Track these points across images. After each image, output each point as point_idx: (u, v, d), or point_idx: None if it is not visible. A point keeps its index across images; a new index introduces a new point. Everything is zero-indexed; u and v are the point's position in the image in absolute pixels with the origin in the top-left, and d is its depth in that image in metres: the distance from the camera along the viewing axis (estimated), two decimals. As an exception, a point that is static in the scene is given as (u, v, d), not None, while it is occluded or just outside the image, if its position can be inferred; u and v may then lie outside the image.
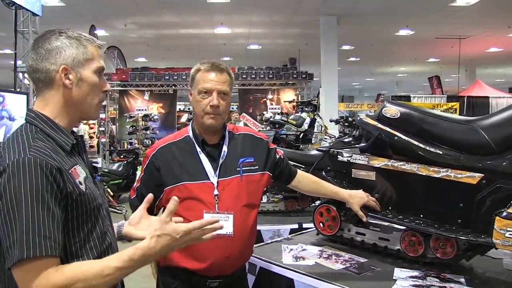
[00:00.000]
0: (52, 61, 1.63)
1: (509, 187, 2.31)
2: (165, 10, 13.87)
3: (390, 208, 2.81)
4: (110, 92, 16.57)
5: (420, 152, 2.63)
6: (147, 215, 1.96)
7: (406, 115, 2.75)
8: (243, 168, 2.54)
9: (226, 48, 20.14)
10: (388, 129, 2.77)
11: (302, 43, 18.53)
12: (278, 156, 2.74)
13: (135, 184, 2.65)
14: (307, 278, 2.56)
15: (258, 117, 16.11)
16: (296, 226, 4.05)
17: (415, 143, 2.65)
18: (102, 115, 16.81)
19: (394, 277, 2.50)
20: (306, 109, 7.48)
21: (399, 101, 11.90)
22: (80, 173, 1.62)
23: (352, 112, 23.85)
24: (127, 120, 15.84)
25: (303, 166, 3.91)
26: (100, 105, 1.79)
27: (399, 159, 2.73)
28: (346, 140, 3.58)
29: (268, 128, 7.71)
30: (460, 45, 18.24)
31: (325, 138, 7.18)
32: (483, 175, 2.40)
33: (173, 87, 17.07)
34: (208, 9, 13.69)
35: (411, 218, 2.68)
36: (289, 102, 14.87)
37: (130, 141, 15.32)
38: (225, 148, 2.55)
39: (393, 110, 2.79)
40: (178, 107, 19.70)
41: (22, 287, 1.43)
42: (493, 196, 2.36)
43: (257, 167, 2.59)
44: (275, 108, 16.03)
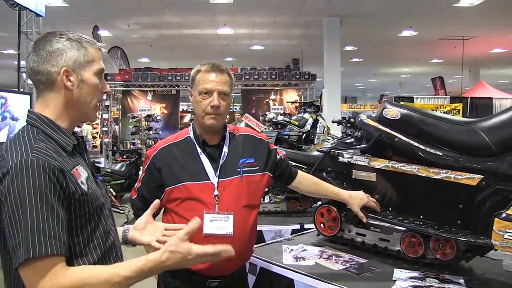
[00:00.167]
0: (53, 63, 1.64)
1: (508, 189, 2.31)
2: (168, 11, 13.89)
3: (390, 209, 2.82)
4: (113, 92, 16.64)
5: (420, 153, 2.63)
6: (153, 220, 1.97)
7: (406, 117, 2.76)
8: (243, 169, 2.55)
9: (229, 48, 20.16)
10: (388, 130, 2.78)
11: (305, 44, 18.53)
12: (278, 157, 2.75)
13: (136, 185, 2.66)
14: (307, 278, 2.57)
15: (260, 117, 16.11)
16: (297, 226, 4.04)
17: (416, 144, 2.65)
18: (105, 115, 16.83)
19: (393, 278, 2.51)
20: (309, 109, 7.49)
21: (399, 103, 11.94)
22: (82, 173, 1.63)
23: (355, 113, 23.86)
24: (130, 120, 15.87)
25: (305, 167, 3.92)
26: (98, 106, 1.81)
27: (399, 160, 2.73)
28: (348, 141, 3.60)
29: (271, 128, 7.71)
30: (463, 46, 18.21)
31: (328, 139, 7.18)
32: (483, 176, 2.40)
33: (176, 88, 17.06)
34: (211, 9, 13.70)
35: (411, 219, 2.68)
36: (292, 102, 14.86)
37: (133, 141, 15.34)
38: (225, 149, 2.56)
39: (393, 112, 2.80)
40: (181, 108, 19.71)
41: (29, 287, 1.44)
42: (492, 197, 2.36)
43: (258, 167, 2.60)
44: (278, 109, 16.03)
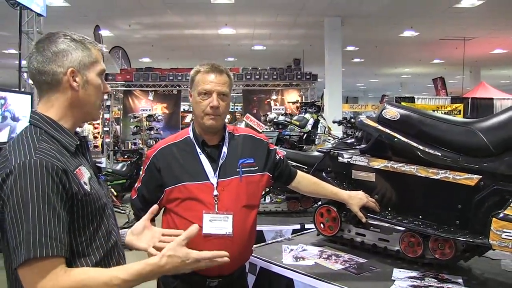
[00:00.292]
0: (59, 64, 1.65)
1: (506, 189, 2.32)
2: (170, 11, 13.91)
3: (389, 209, 2.83)
4: (115, 92, 16.65)
5: (419, 153, 2.64)
6: (151, 225, 1.97)
7: (405, 117, 2.77)
8: (242, 169, 2.55)
9: (230, 48, 20.18)
10: (388, 130, 2.79)
11: (307, 44, 18.56)
12: (278, 157, 2.75)
13: (136, 185, 2.67)
14: (306, 278, 2.58)
15: (262, 117, 16.12)
16: (298, 226, 4.06)
17: (415, 144, 2.66)
18: (107, 115, 16.85)
19: (392, 278, 2.52)
20: (310, 110, 7.50)
21: (400, 103, 11.95)
22: (84, 174, 1.64)
23: (356, 113, 23.87)
24: (131, 120, 15.86)
25: (306, 167, 3.93)
26: (100, 106, 1.83)
27: (398, 161, 2.74)
28: (348, 141, 3.58)
29: (272, 128, 7.72)
30: (464, 47, 18.23)
31: (329, 139, 7.18)
32: (481, 177, 2.41)
33: (177, 88, 17.06)
34: (213, 9, 13.73)
35: (410, 219, 2.69)
36: (293, 103, 14.87)
37: (134, 141, 15.35)
38: (225, 149, 2.56)
39: (393, 112, 2.81)
40: (182, 108, 19.69)
41: (28, 287, 1.44)
42: (490, 197, 2.37)
43: (257, 168, 2.61)
44: (279, 109, 16.03)
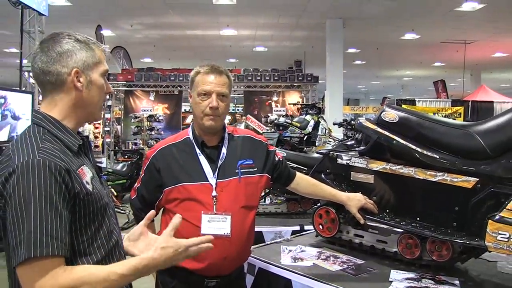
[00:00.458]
0: (64, 64, 1.66)
1: (502, 191, 2.34)
2: (171, 11, 13.93)
3: (387, 210, 2.85)
4: (116, 92, 16.65)
5: (417, 156, 2.66)
6: (147, 232, 1.93)
7: (404, 120, 2.79)
8: (241, 170, 2.57)
9: (232, 49, 20.21)
10: (386, 133, 2.81)
11: (308, 46, 18.57)
12: (277, 159, 2.77)
13: (135, 185, 2.68)
14: (304, 279, 2.59)
15: (263, 119, 16.13)
16: (297, 228, 4.06)
17: (413, 147, 2.68)
18: (107, 115, 16.86)
19: (390, 279, 2.53)
20: (311, 111, 7.51)
21: (401, 105, 11.94)
22: (87, 173, 1.66)
23: (357, 115, 23.87)
24: (132, 120, 15.86)
25: (306, 169, 3.95)
26: (102, 106, 1.85)
27: (397, 163, 2.76)
28: (348, 143, 3.60)
29: (273, 130, 7.74)
30: (465, 50, 18.27)
31: (329, 141, 7.19)
32: (478, 179, 2.43)
33: (179, 88, 17.07)
34: (215, 10, 13.75)
35: (408, 221, 2.71)
36: (294, 104, 14.88)
37: (135, 141, 15.36)
38: (224, 150, 2.58)
39: (391, 115, 2.82)
40: (184, 108, 19.68)
41: (26, 286, 1.45)
42: (487, 200, 2.39)
43: (256, 169, 2.62)
44: (280, 110, 16.05)
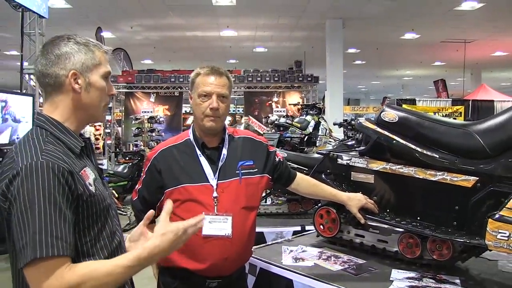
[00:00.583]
0: (61, 66, 1.68)
1: (502, 190, 2.35)
2: (171, 13, 13.93)
3: (388, 210, 2.85)
4: (116, 94, 16.64)
5: (417, 155, 2.66)
6: (147, 232, 1.91)
7: (404, 119, 2.79)
8: (242, 171, 2.58)
9: (232, 50, 20.20)
10: (386, 133, 2.81)
11: (308, 46, 18.56)
12: (277, 159, 2.78)
13: (137, 186, 2.70)
14: (305, 279, 2.60)
15: (263, 119, 16.14)
16: (298, 228, 4.07)
17: (413, 147, 2.69)
18: (108, 117, 16.84)
19: (391, 278, 2.54)
20: (311, 112, 7.53)
21: (401, 105, 11.94)
22: (89, 175, 1.67)
23: (358, 115, 23.86)
24: (133, 122, 15.88)
25: (306, 169, 3.96)
26: (106, 108, 1.85)
27: (397, 163, 2.77)
28: (349, 143, 3.61)
29: (273, 130, 7.76)
30: (465, 49, 18.25)
31: (330, 141, 7.20)
32: (478, 178, 2.44)
33: (179, 89, 17.08)
34: (214, 11, 13.74)
35: (408, 220, 2.72)
36: (294, 105, 14.88)
37: (136, 143, 15.38)
38: (224, 151, 2.59)
39: (391, 115, 2.83)
40: (184, 109, 19.70)
41: (34, 286, 1.46)
42: (487, 199, 2.40)
43: (256, 170, 2.63)
44: (280, 111, 16.06)
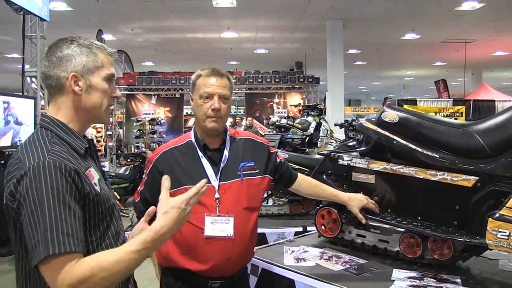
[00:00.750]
0: (63, 68, 1.70)
1: (502, 190, 2.36)
2: (172, 15, 13.96)
3: (389, 210, 2.86)
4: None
5: (417, 155, 2.68)
6: (147, 227, 1.94)
7: (404, 120, 2.80)
8: (243, 172, 2.59)
9: (233, 52, 20.22)
10: (387, 133, 2.83)
11: (309, 47, 18.58)
12: (278, 160, 2.79)
13: (139, 188, 2.71)
14: (307, 279, 2.61)
15: (264, 121, 16.17)
16: (300, 229, 4.07)
17: (413, 147, 2.70)
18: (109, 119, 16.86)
19: (392, 278, 2.55)
20: (312, 113, 7.52)
21: (402, 105, 11.94)
22: (94, 175, 1.69)
23: (359, 116, 23.84)
24: (134, 124, 15.92)
25: (308, 170, 3.97)
26: (109, 109, 1.86)
27: (397, 163, 2.78)
28: (350, 144, 3.62)
29: (274, 131, 7.76)
30: (466, 49, 18.25)
31: (331, 142, 7.20)
32: (478, 178, 2.45)
33: (180, 91, 17.11)
34: (215, 13, 13.77)
35: (409, 220, 2.73)
36: (295, 106, 14.89)
37: (137, 145, 15.41)
38: (226, 153, 2.60)
39: (392, 115, 2.84)
40: (185, 111, 19.75)
41: (49, 282, 1.48)
42: (487, 198, 2.41)
43: (258, 171, 2.64)
44: (282, 112, 16.09)
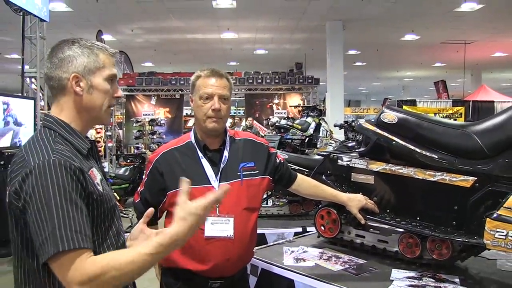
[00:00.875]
0: (64, 69, 1.72)
1: (500, 190, 2.38)
2: (172, 15, 13.98)
3: (388, 210, 2.88)
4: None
5: (416, 156, 2.69)
6: (146, 229, 1.91)
7: (403, 121, 2.82)
8: (243, 173, 2.60)
9: (233, 53, 20.25)
10: (386, 134, 2.84)
11: (308, 48, 18.61)
12: (278, 161, 2.80)
13: (139, 188, 2.72)
14: (307, 279, 2.62)
15: (264, 121, 16.18)
16: (300, 229, 4.07)
17: (412, 147, 2.71)
18: (109, 120, 16.86)
19: (391, 278, 2.56)
20: (312, 113, 7.55)
21: (402, 106, 11.95)
22: (97, 175, 1.70)
23: (358, 117, 23.84)
24: (134, 124, 15.92)
25: (307, 171, 3.97)
26: (110, 110, 1.87)
27: (396, 163, 2.79)
28: (349, 144, 3.62)
29: (274, 132, 7.78)
30: (465, 50, 18.28)
31: (330, 143, 7.21)
32: (476, 178, 2.46)
33: (180, 92, 17.13)
34: (215, 14, 13.79)
35: (408, 220, 2.74)
36: (295, 106, 14.89)
37: (137, 145, 15.40)
38: (226, 153, 2.61)
39: (391, 116, 2.86)
40: (185, 112, 19.75)
41: (60, 278, 1.49)
42: (485, 198, 2.42)
43: (258, 171, 2.66)
44: (281, 113, 16.09)
